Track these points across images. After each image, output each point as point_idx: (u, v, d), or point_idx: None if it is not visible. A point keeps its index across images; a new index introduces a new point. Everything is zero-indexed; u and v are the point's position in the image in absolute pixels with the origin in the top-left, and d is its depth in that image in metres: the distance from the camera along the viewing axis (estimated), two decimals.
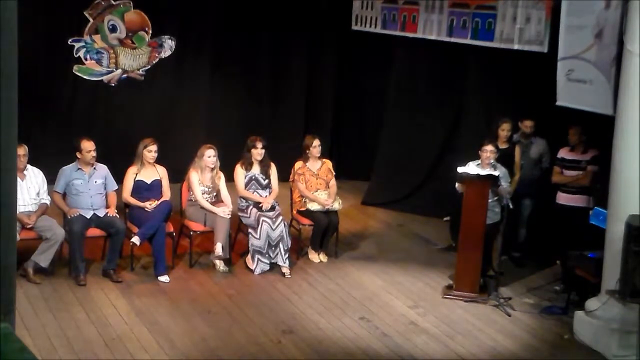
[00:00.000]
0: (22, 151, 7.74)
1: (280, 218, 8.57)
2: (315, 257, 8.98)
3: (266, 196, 8.72)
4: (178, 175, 8.90)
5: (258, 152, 8.71)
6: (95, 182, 8.17)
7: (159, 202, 8.30)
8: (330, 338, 7.10)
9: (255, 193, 8.72)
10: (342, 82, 12.57)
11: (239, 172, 8.75)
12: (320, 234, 8.97)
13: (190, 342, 6.82)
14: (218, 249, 8.31)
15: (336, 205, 9.03)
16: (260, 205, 8.62)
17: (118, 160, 9.04)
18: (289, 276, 8.43)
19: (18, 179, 7.70)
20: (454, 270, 8.31)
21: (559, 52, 7.88)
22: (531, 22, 8.50)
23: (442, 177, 10.13)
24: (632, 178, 6.86)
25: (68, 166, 8.17)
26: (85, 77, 11.31)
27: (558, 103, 7.93)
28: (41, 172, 8.10)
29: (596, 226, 7.64)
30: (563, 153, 8.76)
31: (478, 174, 8.07)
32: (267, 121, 12.05)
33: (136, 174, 8.38)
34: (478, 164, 8.27)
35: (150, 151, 8.36)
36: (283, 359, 6.66)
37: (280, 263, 8.51)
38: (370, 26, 10.84)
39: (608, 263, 7.09)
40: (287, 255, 8.53)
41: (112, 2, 11.29)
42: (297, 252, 9.04)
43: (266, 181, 8.78)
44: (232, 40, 11.88)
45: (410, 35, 10.20)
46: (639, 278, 6.64)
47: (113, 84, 11.49)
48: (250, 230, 8.54)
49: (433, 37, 9.85)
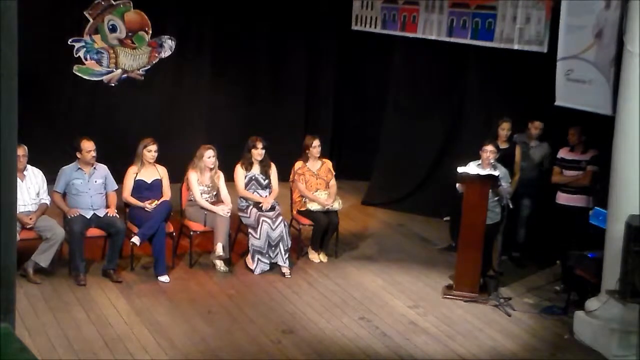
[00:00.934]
0: (22, 152, 7.74)
1: (280, 218, 8.57)
2: (315, 257, 8.99)
3: (266, 196, 8.72)
4: (178, 175, 8.89)
5: (258, 153, 8.71)
6: (95, 182, 8.17)
7: (159, 202, 8.30)
8: (330, 338, 7.11)
9: (255, 193, 8.72)
10: (342, 82, 12.58)
11: (239, 172, 8.75)
12: (320, 234, 8.97)
13: (190, 342, 6.82)
14: (219, 249, 8.31)
15: (336, 205, 9.03)
16: (260, 205, 8.62)
17: (118, 160, 9.04)
18: (289, 276, 8.44)
19: (18, 179, 7.70)
20: (454, 270, 8.31)
21: (559, 52, 7.88)
22: (531, 22, 8.50)
23: (442, 177, 10.13)
24: (632, 178, 6.86)
25: (68, 166, 8.17)
26: (85, 77, 11.31)
27: (557, 103, 7.93)
28: (41, 172, 8.10)
29: (596, 226, 7.64)
30: (563, 153, 8.76)
31: (478, 174, 8.07)
32: (267, 121, 12.04)
33: (136, 174, 8.38)
34: (478, 164, 8.27)
35: (150, 151, 8.36)
36: (283, 359, 6.66)
37: (280, 263, 8.51)
38: (370, 26, 10.84)
39: (608, 263, 7.09)
40: (287, 255, 8.53)
41: (112, 2, 11.29)
42: (297, 252, 9.04)
43: (266, 181, 8.78)
44: (232, 40, 11.89)
45: (410, 35, 10.20)
46: (639, 278, 6.64)
47: (113, 84, 11.49)
48: (250, 230, 8.54)
49: (433, 37, 9.85)
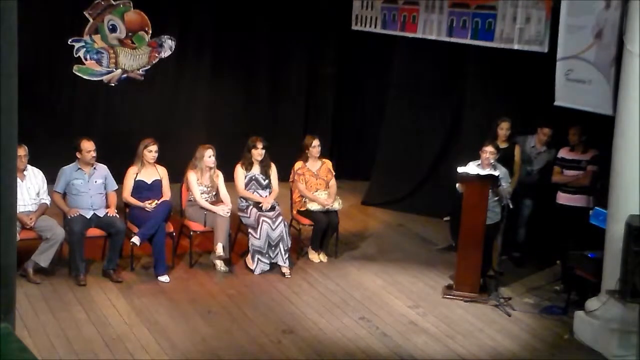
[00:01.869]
0: (23, 152, 7.74)
1: (280, 218, 8.57)
2: (315, 257, 8.99)
3: (266, 196, 8.72)
4: (178, 175, 8.89)
5: (258, 153, 8.71)
6: (95, 182, 8.17)
7: (159, 202, 8.30)
8: (330, 338, 7.11)
9: (255, 193, 8.72)
10: (342, 82, 12.57)
11: (239, 172, 8.75)
12: (320, 234, 8.97)
13: (190, 342, 6.82)
14: (219, 249, 8.31)
15: (336, 205, 9.03)
16: (260, 205, 8.62)
17: (118, 160, 9.03)
18: (289, 276, 8.43)
19: (18, 179, 7.70)
20: (454, 270, 8.31)
21: (559, 52, 7.87)
22: (531, 22, 8.49)
23: (442, 177, 10.14)
24: (632, 178, 6.86)
25: (68, 166, 8.17)
26: (85, 77, 11.31)
27: (556, 103, 7.92)
28: (41, 172, 8.10)
29: (596, 226, 7.63)
30: (563, 153, 8.76)
31: (478, 174, 8.07)
32: (267, 121, 12.05)
33: (136, 174, 8.39)
34: (478, 164, 8.27)
35: (150, 151, 8.37)
36: (283, 359, 6.66)
37: (280, 263, 8.51)
38: (370, 26, 10.83)
39: (608, 263, 7.09)
40: (287, 255, 8.53)
41: (112, 2, 11.29)
42: (297, 252, 9.04)
43: (266, 181, 8.78)
44: (232, 40, 11.88)
45: (410, 35, 10.19)
46: (639, 278, 6.64)
47: (113, 84, 11.49)
48: (250, 230, 8.54)
49: (433, 37, 9.84)
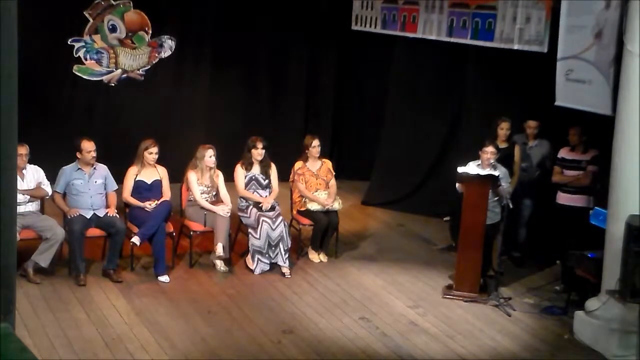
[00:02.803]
0: (24, 150, 7.74)
1: (280, 218, 8.57)
2: (315, 257, 8.99)
3: (266, 196, 8.72)
4: (178, 175, 8.89)
5: (258, 153, 8.71)
6: (95, 182, 8.17)
7: (159, 202, 8.30)
8: (330, 338, 7.11)
9: (255, 193, 8.72)
10: (342, 82, 12.58)
11: (239, 172, 8.75)
12: (320, 234, 8.97)
13: (190, 342, 6.82)
14: (219, 249, 8.31)
15: (336, 205, 9.03)
16: (260, 205, 8.62)
17: (118, 160, 9.03)
18: (289, 276, 8.43)
19: (17, 178, 7.70)
20: (454, 270, 8.31)
21: (558, 52, 7.87)
22: (531, 22, 8.49)
23: (442, 177, 10.14)
24: (632, 178, 6.86)
25: (68, 166, 8.18)
26: (85, 77, 11.31)
27: (557, 103, 7.92)
28: (40, 169, 8.08)
29: (596, 226, 7.63)
30: (563, 153, 8.76)
31: (478, 174, 8.07)
32: (267, 121, 12.05)
33: (136, 174, 8.39)
34: (478, 164, 8.27)
35: (151, 153, 8.36)
36: (283, 359, 6.66)
37: (280, 263, 8.51)
38: (370, 26, 10.83)
39: (608, 263, 7.09)
40: (287, 255, 8.53)
41: (112, 2, 11.29)
42: (297, 252, 9.04)
43: (266, 181, 8.79)
44: (232, 40, 11.89)
45: (410, 35, 10.19)
46: (639, 278, 6.64)
47: (113, 84, 11.50)
48: (250, 230, 8.54)
49: (433, 37, 9.84)
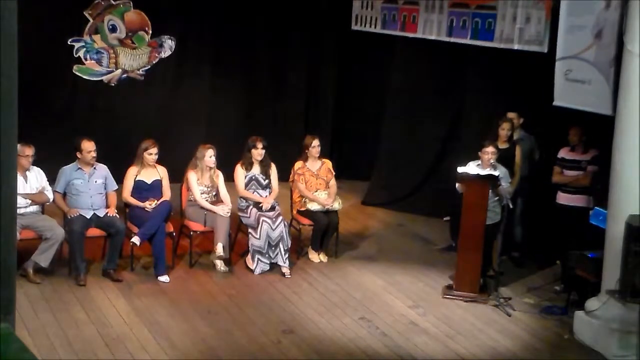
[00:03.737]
0: (30, 151, 7.75)
1: (280, 218, 8.57)
2: (315, 257, 8.99)
3: (266, 196, 8.72)
4: (178, 175, 8.89)
5: (258, 153, 8.71)
6: (95, 182, 8.17)
7: (159, 202, 8.30)
8: (330, 338, 7.11)
9: (255, 193, 8.72)
10: (342, 82, 12.58)
11: (239, 172, 8.75)
12: (320, 234, 8.97)
13: (190, 342, 6.82)
14: (219, 249, 8.31)
15: (336, 205, 9.04)
16: (260, 205, 8.62)
17: (118, 160, 9.04)
18: (289, 276, 8.44)
19: (21, 179, 7.71)
20: (454, 270, 8.31)
21: (558, 52, 7.87)
22: (531, 22, 8.49)
23: (442, 177, 10.13)
24: (632, 178, 6.86)
25: (68, 166, 8.18)
26: (85, 77, 11.32)
27: (555, 103, 7.92)
28: (42, 172, 8.09)
29: (596, 226, 7.64)
30: (563, 153, 8.75)
31: (478, 174, 8.07)
32: (267, 121, 12.06)
33: (136, 174, 8.39)
34: (478, 164, 8.27)
35: (150, 154, 8.36)
36: (283, 359, 6.66)
37: (280, 263, 8.51)
38: (370, 26, 10.83)
39: (608, 263, 7.09)
40: (287, 255, 8.53)
41: (112, 2, 11.29)
42: (297, 252, 9.04)
43: (266, 181, 8.79)
44: (232, 40, 11.89)
45: (410, 35, 10.19)
46: (639, 278, 6.64)
47: (113, 84, 11.50)
48: (250, 230, 8.54)
49: (433, 37, 9.84)
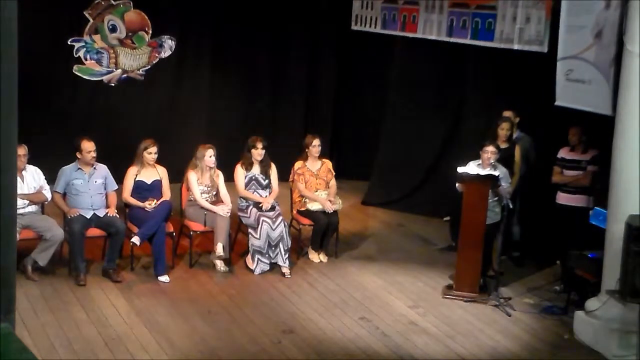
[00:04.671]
0: (22, 151, 7.74)
1: (280, 218, 8.57)
2: (315, 257, 8.99)
3: (266, 196, 8.72)
4: (178, 175, 8.89)
5: (258, 153, 8.71)
6: (95, 182, 8.17)
7: (159, 202, 8.30)
8: (330, 338, 7.11)
9: (255, 193, 8.72)
10: (342, 82, 12.58)
11: (239, 172, 8.75)
12: (320, 234, 8.97)
13: (190, 342, 6.82)
14: (219, 249, 8.31)
15: (336, 205, 9.03)
16: (260, 205, 8.62)
17: (118, 160, 9.03)
18: (289, 276, 8.43)
19: (17, 179, 7.70)
20: (454, 270, 8.31)
21: (559, 52, 7.87)
22: (531, 22, 8.49)
23: (442, 177, 10.13)
24: (632, 178, 6.86)
25: (68, 166, 8.18)
26: (85, 77, 11.31)
27: (557, 103, 7.92)
28: (40, 170, 8.09)
29: (596, 226, 7.63)
30: (563, 153, 8.75)
31: (478, 174, 8.07)
32: (267, 121, 12.06)
33: (136, 174, 8.39)
34: (479, 164, 8.27)
35: (150, 153, 8.36)
36: (283, 359, 6.66)
37: (280, 263, 8.51)
38: (370, 26, 10.83)
39: (608, 263, 7.09)
40: (287, 255, 8.53)
41: (112, 2, 11.29)
42: (297, 252, 9.04)
43: (266, 181, 8.79)
44: (232, 40, 11.89)
45: (410, 35, 10.19)
46: (639, 278, 6.64)
47: (113, 84, 11.50)
48: (250, 230, 8.54)
49: (433, 37, 9.83)
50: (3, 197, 2.95)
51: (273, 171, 8.85)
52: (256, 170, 8.78)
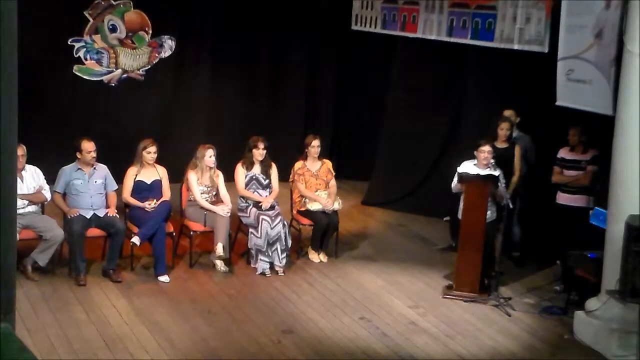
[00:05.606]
0: (21, 151, 7.74)
1: (279, 217, 8.57)
2: (315, 257, 8.99)
3: (266, 196, 8.72)
4: (178, 175, 8.89)
5: (259, 153, 8.71)
6: (95, 182, 8.17)
7: (159, 202, 8.30)
8: (330, 338, 7.11)
9: (255, 193, 8.72)
10: (342, 82, 12.58)
11: (240, 171, 8.75)
12: (320, 234, 8.97)
13: (190, 342, 6.82)
14: (219, 249, 8.31)
15: (336, 205, 9.03)
16: (259, 204, 8.62)
17: (118, 160, 9.03)
18: (282, 274, 8.43)
19: (17, 179, 7.70)
20: (454, 270, 8.31)
21: (559, 52, 7.87)
22: (531, 22, 8.49)
23: (442, 177, 10.13)
24: (632, 178, 6.86)
25: (68, 166, 8.18)
26: (85, 77, 11.32)
27: (558, 103, 7.93)
28: (39, 170, 8.09)
29: (596, 226, 7.63)
30: (563, 153, 8.75)
31: (478, 174, 8.06)
32: (267, 121, 12.04)
33: (136, 174, 8.38)
34: (475, 164, 8.25)
35: (149, 152, 8.36)
36: (283, 359, 6.66)
37: (276, 262, 8.50)
38: (370, 26, 10.83)
39: (608, 263, 7.09)
40: (285, 255, 8.52)
41: (112, 2, 11.30)
42: (297, 252, 9.04)
43: (266, 181, 8.79)
44: (232, 40, 11.89)
45: (410, 35, 10.19)
46: (639, 278, 6.64)
47: (113, 84, 11.50)
48: (251, 229, 8.54)
49: (433, 37, 9.84)
50: (3, 198, 2.94)
51: (273, 171, 8.85)
52: (257, 169, 8.78)
